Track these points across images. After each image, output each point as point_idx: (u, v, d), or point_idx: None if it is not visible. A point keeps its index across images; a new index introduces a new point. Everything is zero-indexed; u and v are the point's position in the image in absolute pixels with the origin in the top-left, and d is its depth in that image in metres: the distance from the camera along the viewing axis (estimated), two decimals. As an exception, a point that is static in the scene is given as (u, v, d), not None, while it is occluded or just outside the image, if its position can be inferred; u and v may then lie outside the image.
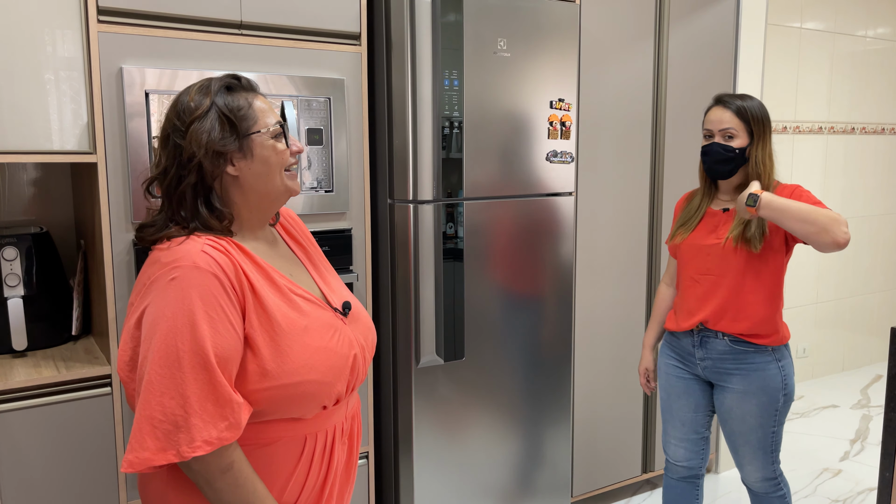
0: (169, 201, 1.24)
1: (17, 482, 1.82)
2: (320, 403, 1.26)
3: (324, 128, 2.17)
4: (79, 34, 1.84)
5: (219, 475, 1.14)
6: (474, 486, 2.49)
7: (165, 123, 1.25)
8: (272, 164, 1.26)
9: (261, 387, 1.18)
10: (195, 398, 1.11)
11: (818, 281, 4.71)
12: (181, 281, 1.14)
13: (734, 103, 2.03)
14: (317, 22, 2.14)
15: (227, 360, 1.14)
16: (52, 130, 1.83)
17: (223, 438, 1.12)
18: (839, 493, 3.18)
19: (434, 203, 2.28)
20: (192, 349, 1.11)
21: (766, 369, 2.05)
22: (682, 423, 2.23)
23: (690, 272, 2.12)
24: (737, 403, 2.09)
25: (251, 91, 1.29)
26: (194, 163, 1.20)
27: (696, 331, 2.13)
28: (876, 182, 4.92)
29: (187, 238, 1.20)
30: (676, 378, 2.22)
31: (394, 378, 2.38)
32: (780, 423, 2.09)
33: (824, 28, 4.45)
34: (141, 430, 1.11)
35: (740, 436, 2.11)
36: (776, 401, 2.06)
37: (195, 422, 1.10)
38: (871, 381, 4.74)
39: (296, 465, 1.26)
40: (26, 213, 2.27)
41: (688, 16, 2.94)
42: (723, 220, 2.08)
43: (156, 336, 1.12)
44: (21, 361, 1.96)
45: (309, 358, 1.22)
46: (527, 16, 2.38)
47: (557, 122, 2.50)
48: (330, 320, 1.29)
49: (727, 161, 2.02)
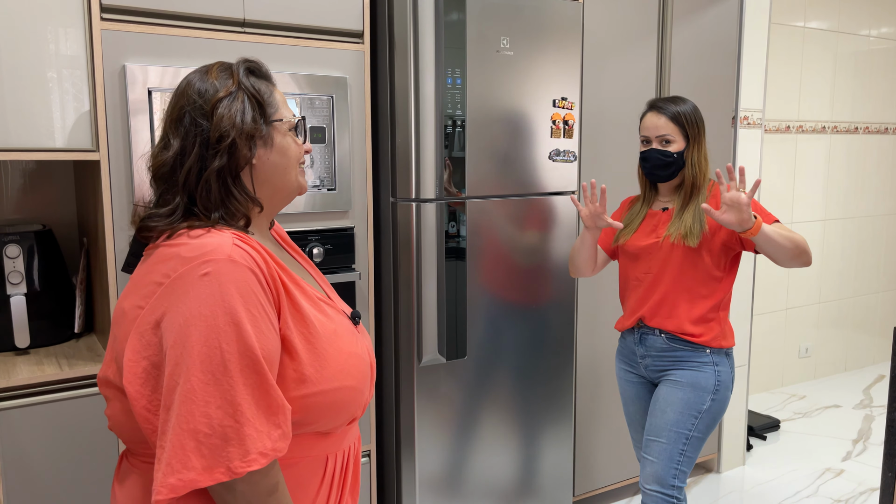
0: (185, 188, 1.10)
1: (20, 479, 1.82)
2: (352, 413, 1.17)
3: (326, 126, 2.17)
4: (82, 32, 1.84)
5: (264, 498, 1.02)
6: (476, 485, 2.49)
7: (180, 101, 1.12)
8: (290, 156, 1.17)
9: (299, 394, 1.07)
10: (247, 405, 0.98)
11: (820, 281, 4.70)
12: (217, 276, 1.00)
13: (669, 109, 2.06)
14: (319, 20, 2.14)
15: (272, 363, 1.03)
16: (54, 128, 1.83)
17: (277, 449, 1.00)
18: (841, 494, 3.18)
19: (436, 202, 2.27)
20: (240, 350, 0.98)
21: (700, 369, 2.05)
22: (640, 427, 2.24)
23: (635, 273, 2.13)
24: (665, 394, 2.08)
25: (269, 80, 1.20)
26: (225, 144, 1.08)
27: (636, 328, 2.15)
28: (879, 182, 4.91)
29: (207, 232, 1.06)
30: (627, 382, 2.24)
31: (396, 377, 2.38)
32: (699, 432, 2.03)
33: (828, 27, 4.44)
34: (184, 447, 0.96)
35: (654, 429, 2.07)
36: (701, 402, 2.03)
37: (249, 432, 0.97)
38: (873, 380, 4.73)
39: (319, 488, 1.16)
40: (29, 210, 2.27)
41: (691, 14, 2.93)
42: (662, 220, 2.10)
43: (191, 339, 0.98)
44: (24, 359, 1.97)
45: (344, 363, 1.13)
46: (530, 14, 2.38)
47: (560, 121, 2.50)
48: (350, 326, 1.22)
49: (666, 166, 2.05)
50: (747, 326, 3.34)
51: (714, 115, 3.07)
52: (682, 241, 2.02)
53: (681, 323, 2.05)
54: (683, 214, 2.05)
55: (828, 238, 4.69)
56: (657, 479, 2.04)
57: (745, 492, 3.18)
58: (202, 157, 1.09)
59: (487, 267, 2.41)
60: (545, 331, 2.56)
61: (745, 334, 3.34)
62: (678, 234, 2.03)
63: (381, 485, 2.52)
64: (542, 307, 2.53)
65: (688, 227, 2.01)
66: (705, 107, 3.04)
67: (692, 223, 2.02)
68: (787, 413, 4.14)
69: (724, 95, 3.10)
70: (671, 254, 2.05)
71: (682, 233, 2.02)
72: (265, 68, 1.20)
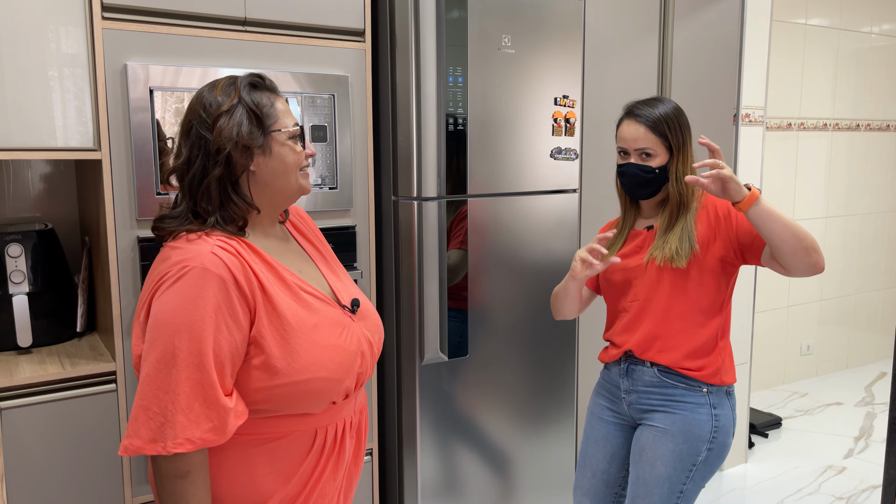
0: (190, 194, 1.25)
1: (23, 478, 1.82)
2: (329, 399, 1.28)
3: (328, 125, 2.17)
4: (83, 31, 1.84)
5: (171, 479, 1.17)
6: (478, 483, 2.49)
7: (189, 115, 1.27)
8: (289, 162, 1.29)
9: (270, 384, 1.21)
10: (184, 396, 1.14)
11: (822, 278, 4.70)
12: (187, 281, 1.16)
13: (648, 116, 1.79)
14: (321, 18, 2.14)
15: (223, 363, 1.17)
16: (56, 127, 1.83)
17: (206, 440, 1.15)
18: (843, 491, 3.18)
19: (438, 200, 2.27)
20: (189, 349, 1.14)
21: (694, 411, 1.78)
22: (594, 473, 1.95)
23: (619, 303, 1.89)
24: (650, 443, 1.80)
25: (273, 92, 1.32)
26: (223, 155, 1.22)
27: (622, 359, 1.89)
28: (881, 179, 4.90)
29: (199, 237, 1.22)
30: (598, 419, 1.97)
31: (398, 375, 2.38)
32: (694, 484, 1.79)
33: (829, 24, 4.44)
34: (136, 418, 1.16)
35: (643, 485, 1.80)
36: (696, 452, 1.77)
37: (180, 419, 1.14)
38: (875, 378, 4.73)
39: (305, 457, 1.29)
40: (31, 209, 2.27)
41: (692, 12, 2.93)
42: (647, 240, 1.85)
43: (156, 332, 1.16)
44: (26, 358, 1.97)
45: (318, 356, 1.24)
46: (531, 12, 2.38)
47: (562, 119, 2.49)
48: (338, 318, 1.31)
49: (647, 183, 1.79)
50: (749, 324, 3.34)
51: (715, 112, 3.07)
52: (668, 263, 1.77)
53: (676, 357, 1.79)
54: (668, 235, 1.79)
55: (829, 235, 4.69)
56: None
57: (747, 489, 3.18)
58: (204, 166, 1.23)
59: (489, 265, 2.41)
60: (547, 328, 2.56)
61: (747, 332, 3.34)
62: (663, 256, 1.77)
63: (383, 483, 2.53)
64: (543, 304, 2.53)
65: (673, 249, 1.76)
66: (707, 104, 3.04)
67: (679, 244, 1.76)
68: (788, 410, 4.15)
69: (726, 93, 3.09)
70: (659, 278, 1.80)
71: (667, 255, 1.76)
72: (269, 81, 1.32)
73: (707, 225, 1.78)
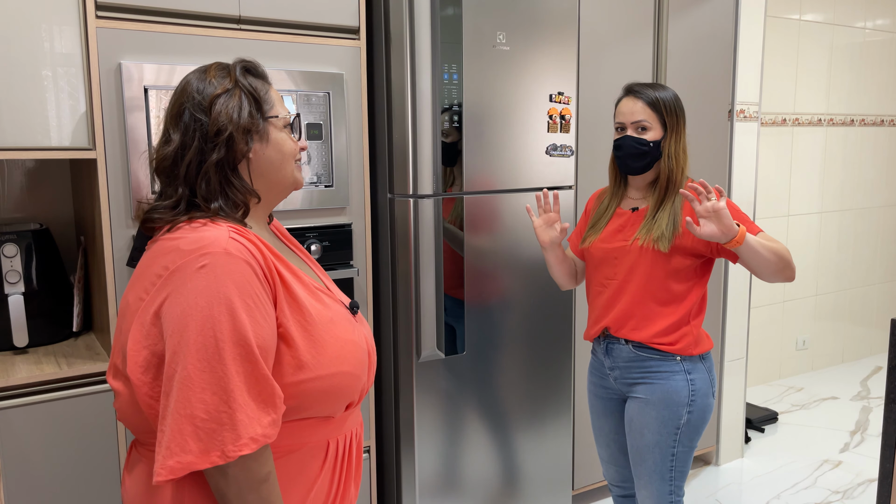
0: (186, 180, 1.15)
1: (20, 478, 1.82)
2: (349, 399, 1.21)
3: (323, 122, 2.17)
4: (77, 30, 1.83)
5: (256, 485, 1.06)
6: (476, 479, 2.50)
7: (180, 99, 1.17)
8: (286, 151, 1.22)
9: (296, 379, 1.12)
10: (239, 392, 1.03)
11: (818, 273, 4.71)
12: (213, 268, 1.04)
13: (647, 94, 1.89)
14: (315, 16, 2.14)
15: (266, 351, 1.07)
16: (50, 127, 1.83)
17: (268, 435, 1.05)
18: (839, 485, 3.19)
19: (434, 197, 2.27)
20: (233, 339, 1.03)
21: (670, 379, 1.89)
22: (608, 444, 2.11)
23: (599, 278, 1.97)
24: (636, 413, 1.93)
25: (266, 80, 1.25)
26: (223, 137, 1.14)
27: (601, 338, 2.00)
28: (875, 174, 4.92)
29: (205, 225, 1.11)
30: (596, 397, 2.10)
31: (395, 372, 2.38)
32: (683, 446, 1.91)
33: (823, 20, 4.45)
34: (182, 431, 1.01)
35: (637, 453, 1.94)
36: (677, 417, 1.88)
37: (241, 417, 1.02)
38: (870, 372, 4.75)
39: (319, 473, 1.20)
40: (26, 209, 2.27)
41: (687, 8, 2.93)
42: (631, 221, 1.93)
43: (189, 328, 1.03)
44: (22, 358, 1.96)
45: (340, 349, 1.17)
46: (526, 9, 2.38)
47: (557, 116, 2.50)
48: (347, 315, 1.26)
49: (641, 155, 1.87)
50: (745, 319, 3.35)
51: (710, 108, 3.08)
52: (652, 244, 1.84)
53: (649, 334, 1.89)
54: (658, 214, 1.87)
55: (824, 230, 4.70)
56: (654, 501, 1.94)
57: (743, 484, 3.19)
58: (201, 150, 1.14)
59: (485, 261, 2.41)
60: (543, 325, 2.57)
61: (743, 327, 3.35)
62: (649, 237, 1.85)
63: (381, 480, 2.53)
64: (539, 301, 2.54)
65: (661, 230, 1.84)
66: (701, 100, 3.05)
67: (666, 226, 1.84)
68: (784, 405, 4.16)
69: (721, 89, 3.10)
70: (639, 258, 1.87)
71: (653, 236, 1.84)
72: (261, 68, 1.26)
73: (692, 216, 1.81)
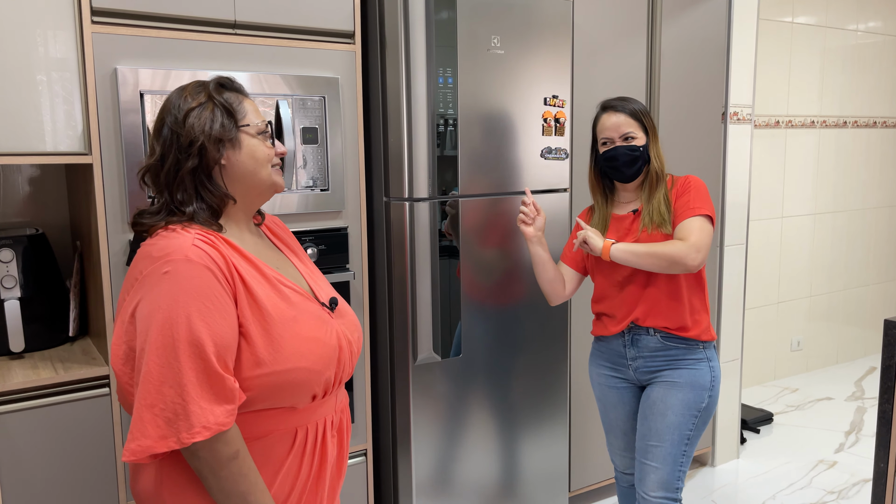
0: (167, 188, 1.29)
1: (17, 483, 1.82)
2: (311, 392, 1.30)
3: (319, 126, 2.18)
4: (72, 35, 1.84)
5: (226, 463, 1.19)
6: (472, 482, 2.50)
7: (161, 115, 1.32)
8: (259, 157, 1.33)
9: (255, 374, 1.23)
10: (192, 386, 1.15)
11: (812, 274, 4.73)
12: (174, 274, 1.18)
13: (625, 106, 2.05)
14: (311, 21, 2.15)
15: (224, 349, 1.19)
16: (45, 132, 1.83)
17: (221, 423, 1.17)
18: (834, 485, 3.20)
19: (429, 200, 2.28)
20: (188, 339, 1.16)
21: (696, 366, 2.02)
22: (623, 432, 2.18)
23: (615, 279, 2.07)
24: (661, 395, 2.03)
25: (240, 93, 1.37)
26: (195, 147, 1.27)
27: (626, 330, 2.08)
28: (868, 175, 4.94)
29: (176, 231, 1.24)
30: (608, 388, 2.17)
31: (391, 375, 2.39)
32: (697, 430, 2.02)
33: (815, 22, 4.47)
34: (142, 418, 1.16)
35: (654, 434, 2.02)
36: (701, 399, 2.01)
37: (193, 409, 1.15)
38: (864, 373, 4.77)
39: (286, 458, 1.30)
40: (21, 214, 2.27)
41: (680, 11, 2.95)
42: (635, 221, 2.06)
43: (152, 328, 1.16)
44: (19, 363, 1.96)
45: (299, 346, 1.27)
46: (520, 13, 2.39)
47: (551, 119, 2.51)
48: (318, 312, 1.35)
49: (634, 161, 2.03)
50: (739, 320, 3.36)
51: (704, 111, 3.09)
52: (657, 230, 1.99)
53: (676, 319, 2.01)
54: (654, 205, 2.03)
55: (818, 232, 4.72)
56: (663, 484, 1.99)
57: (739, 485, 3.21)
58: (178, 160, 1.28)
59: (481, 265, 2.42)
60: (539, 327, 2.57)
61: (738, 328, 3.36)
62: (652, 222, 2.00)
63: (378, 483, 2.53)
64: (535, 304, 2.54)
65: (661, 214, 2.00)
66: (695, 103, 3.06)
67: (662, 210, 2.00)
68: (779, 406, 4.17)
69: (714, 91, 3.11)
70: None
71: (655, 221, 2.00)
72: (237, 83, 1.38)
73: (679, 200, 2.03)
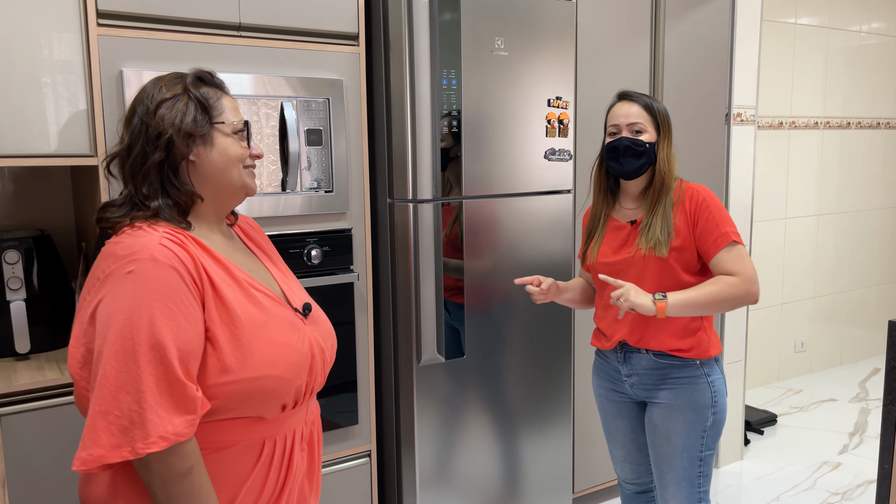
0: (132, 180, 1.23)
1: (24, 483, 1.82)
2: (280, 401, 1.24)
3: (323, 128, 2.18)
4: (78, 37, 1.85)
5: (178, 478, 1.11)
6: (476, 483, 2.50)
7: (133, 104, 1.26)
8: (231, 155, 1.27)
9: (221, 381, 1.16)
10: (151, 393, 1.08)
11: (815, 275, 4.72)
12: (139, 274, 1.11)
13: (641, 98, 1.92)
14: (315, 23, 2.15)
15: (188, 354, 1.12)
16: (50, 134, 1.84)
17: (179, 434, 1.10)
18: (839, 486, 3.20)
19: (433, 202, 2.29)
20: (150, 343, 1.09)
21: (694, 384, 1.91)
22: (623, 444, 2.10)
23: (609, 291, 1.93)
24: (662, 420, 1.93)
25: (220, 89, 1.31)
26: (163, 140, 1.20)
27: (618, 348, 1.99)
28: (872, 176, 4.94)
29: (142, 229, 1.17)
30: (608, 400, 2.10)
31: (395, 376, 2.39)
32: (708, 449, 1.93)
33: (819, 23, 4.47)
34: (95, 426, 1.08)
35: (664, 459, 1.94)
36: (704, 419, 1.90)
37: (150, 417, 1.07)
38: (869, 374, 4.76)
39: (251, 471, 1.23)
40: (27, 216, 2.27)
41: (683, 13, 2.95)
42: (633, 234, 1.93)
43: (111, 330, 1.09)
44: (24, 364, 1.97)
45: (269, 353, 1.20)
46: (524, 15, 2.39)
47: (555, 120, 2.51)
48: (290, 318, 1.28)
49: (637, 155, 1.87)
50: (743, 322, 3.36)
51: (707, 112, 3.09)
52: (652, 252, 1.86)
53: (666, 339, 1.90)
54: (652, 220, 1.88)
55: (821, 233, 4.72)
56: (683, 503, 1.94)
57: (743, 486, 3.20)
58: (144, 151, 1.21)
59: (485, 266, 2.42)
60: (543, 328, 2.58)
61: (741, 330, 3.36)
62: (647, 245, 1.86)
63: (382, 484, 2.54)
64: (539, 305, 2.55)
65: (656, 236, 1.85)
66: (698, 104, 3.06)
67: (661, 230, 1.85)
68: (783, 407, 4.17)
69: (717, 92, 3.11)
70: (645, 267, 1.88)
71: (650, 244, 1.86)
72: (217, 78, 1.32)
73: (684, 221, 1.87)
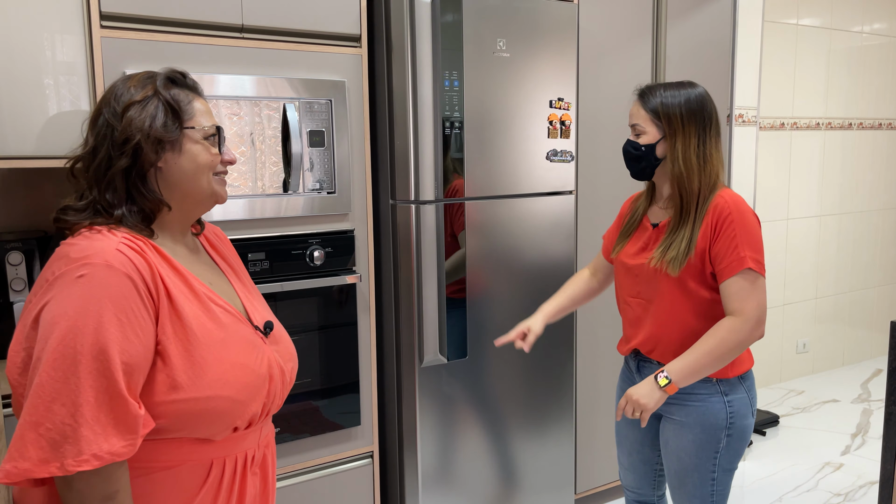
0: (97, 185, 1.16)
1: (26, 485, 1.83)
2: (231, 424, 1.16)
3: (325, 129, 2.19)
4: (81, 39, 1.85)
5: (99, 502, 1.04)
6: (478, 484, 2.50)
7: (100, 104, 1.19)
8: (201, 162, 1.20)
9: (168, 399, 1.08)
10: (88, 407, 1.00)
11: (818, 276, 4.72)
12: (90, 279, 1.04)
13: (648, 97, 1.78)
14: (317, 24, 2.16)
15: (133, 369, 1.04)
16: (53, 135, 1.84)
17: (115, 454, 1.02)
18: (841, 487, 3.20)
19: (435, 203, 2.29)
20: (93, 353, 1.01)
21: (707, 401, 1.79)
22: (630, 452, 2.04)
23: (623, 293, 1.91)
24: (673, 436, 1.84)
25: (193, 91, 1.24)
26: (130, 146, 1.13)
27: (633, 355, 1.94)
28: (874, 177, 4.93)
29: (101, 233, 1.11)
30: None
31: (397, 377, 2.39)
32: (723, 470, 1.82)
33: (820, 24, 4.47)
34: (23, 437, 1.00)
35: (675, 476, 1.86)
36: (716, 441, 1.79)
37: (86, 433, 1.00)
38: (871, 375, 4.76)
39: (198, 493, 1.15)
40: (30, 217, 2.28)
41: (685, 14, 2.95)
42: (653, 238, 1.83)
43: (53, 336, 1.01)
44: (27, 365, 1.97)
45: (224, 372, 1.13)
46: (526, 16, 2.40)
47: (557, 122, 2.51)
48: (249, 336, 1.21)
49: (636, 159, 1.80)
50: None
51: (709, 113, 3.09)
52: (665, 267, 1.74)
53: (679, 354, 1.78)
54: (672, 240, 1.75)
55: (823, 234, 4.72)
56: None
57: (745, 487, 3.20)
58: (110, 156, 1.14)
59: (487, 267, 2.42)
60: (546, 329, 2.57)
61: (744, 330, 3.35)
62: (662, 259, 1.75)
63: (384, 485, 2.54)
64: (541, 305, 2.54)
65: (671, 256, 1.73)
66: (700, 105, 3.06)
67: (677, 252, 1.73)
68: (785, 408, 4.17)
69: (719, 93, 3.11)
70: (659, 280, 1.78)
71: (667, 258, 1.74)
72: (190, 79, 1.25)
73: (703, 235, 1.73)
